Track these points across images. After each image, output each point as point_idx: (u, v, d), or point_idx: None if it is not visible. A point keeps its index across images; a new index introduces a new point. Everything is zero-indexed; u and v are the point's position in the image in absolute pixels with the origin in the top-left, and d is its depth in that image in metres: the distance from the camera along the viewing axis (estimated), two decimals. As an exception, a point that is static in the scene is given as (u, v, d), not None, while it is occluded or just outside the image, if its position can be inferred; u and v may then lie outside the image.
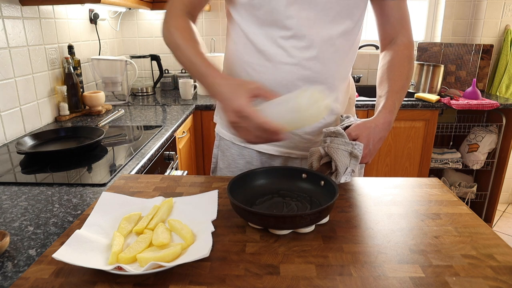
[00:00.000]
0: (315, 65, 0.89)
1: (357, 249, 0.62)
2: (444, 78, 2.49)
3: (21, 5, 1.50)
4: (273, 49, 0.88)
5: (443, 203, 0.78)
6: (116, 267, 0.54)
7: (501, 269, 0.56)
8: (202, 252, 0.55)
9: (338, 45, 0.89)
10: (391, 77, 0.91)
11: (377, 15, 0.96)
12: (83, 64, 2.02)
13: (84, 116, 1.84)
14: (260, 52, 0.90)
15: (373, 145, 0.82)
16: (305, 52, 0.87)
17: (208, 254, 0.55)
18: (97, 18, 2.14)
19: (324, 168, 0.81)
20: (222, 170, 1.07)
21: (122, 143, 1.36)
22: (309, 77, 0.90)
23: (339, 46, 0.90)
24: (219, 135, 1.08)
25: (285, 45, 0.87)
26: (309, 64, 0.88)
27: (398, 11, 0.93)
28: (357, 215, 0.73)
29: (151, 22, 2.63)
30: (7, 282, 0.59)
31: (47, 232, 0.74)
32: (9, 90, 1.44)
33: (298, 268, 0.57)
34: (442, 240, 0.64)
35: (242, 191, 0.75)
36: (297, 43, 0.87)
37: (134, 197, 0.77)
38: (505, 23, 2.51)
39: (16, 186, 0.97)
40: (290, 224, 0.65)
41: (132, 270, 0.53)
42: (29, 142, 1.28)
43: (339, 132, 0.81)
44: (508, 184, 2.84)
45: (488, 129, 2.41)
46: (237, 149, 1.03)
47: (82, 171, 1.09)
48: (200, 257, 0.54)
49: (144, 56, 2.47)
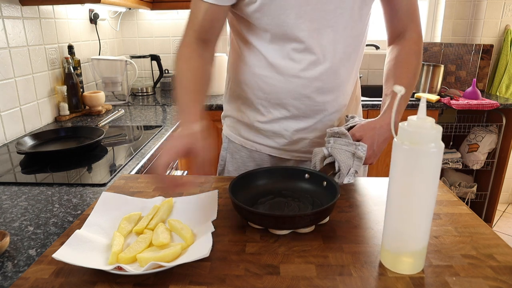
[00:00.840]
0: (328, 77, 0.88)
1: (357, 249, 0.62)
2: (444, 78, 2.49)
3: (21, 5, 1.50)
4: (285, 62, 0.87)
5: (443, 203, 0.78)
6: (116, 267, 0.54)
7: (501, 269, 0.56)
8: (202, 252, 0.55)
9: (349, 52, 0.88)
10: (398, 74, 0.89)
11: (385, 8, 0.93)
12: (83, 64, 2.02)
13: (84, 116, 1.84)
14: (271, 66, 0.88)
15: (377, 146, 0.82)
16: (318, 64, 0.86)
17: (208, 254, 0.55)
18: (97, 18, 2.14)
19: (328, 168, 0.80)
20: (231, 172, 1.06)
21: (122, 143, 1.36)
22: (321, 88, 0.89)
23: (351, 53, 0.89)
24: (227, 138, 1.07)
25: (297, 58, 0.86)
26: (322, 77, 0.87)
27: (406, 4, 0.90)
28: (357, 215, 0.73)
29: (151, 22, 2.62)
30: (7, 282, 0.59)
31: (47, 232, 0.74)
32: (9, 90, 1.44)
33: (298, 268, 0.57)
34: (442, 240, 0.64)
35: (244, 191, 0.75)
36: (309, 56, 0.85)
37: (134, 197, 0.77)
38: (505, 23, 2.51)
39: (16, 186, 0.97)
40: (289, 224, 0.65)
41: (132, 270, 0.53)
42: (29, 142, 1.28)
43: (342, 133, 0.81)
44: (508, 184, 2.84)
45: (488, 129, 2.41)
46: (247, 152, 1.03)
47: (82, 171, 1.09)
48: (200, 257, 0.54)
49: (144, 56, 2.47)
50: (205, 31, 0.85)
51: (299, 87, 0.88)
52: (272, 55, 0.87)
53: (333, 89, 0.90)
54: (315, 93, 0.89)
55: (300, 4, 0.81)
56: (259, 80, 0.91)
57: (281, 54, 0.86)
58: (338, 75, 0.89)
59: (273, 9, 0.81)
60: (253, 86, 0.93)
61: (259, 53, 0.89)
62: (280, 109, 0.93)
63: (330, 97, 0.91)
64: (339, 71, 0.88)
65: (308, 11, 0.82)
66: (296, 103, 0.91)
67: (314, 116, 0.93)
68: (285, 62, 0.87)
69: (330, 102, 0.91)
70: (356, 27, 0.87)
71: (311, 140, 0.96)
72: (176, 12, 2.56)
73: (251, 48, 0.90)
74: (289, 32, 0.83)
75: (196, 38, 0.85)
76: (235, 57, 0.97)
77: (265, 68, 0.89)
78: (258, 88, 0.93)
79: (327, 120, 0.94)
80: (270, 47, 0.87)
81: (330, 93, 0.90)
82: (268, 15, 0.82)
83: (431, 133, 0.50)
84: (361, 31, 0.89)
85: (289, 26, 0.83)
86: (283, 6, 0.81)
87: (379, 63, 2.70)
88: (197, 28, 0.85)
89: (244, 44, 0.92)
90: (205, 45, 0.87)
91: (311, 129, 0.94)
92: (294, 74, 0.87)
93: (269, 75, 0.89)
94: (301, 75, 0.87)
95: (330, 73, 0.87)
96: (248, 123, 0.99)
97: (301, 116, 0.93)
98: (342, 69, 0.89)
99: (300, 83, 0.88)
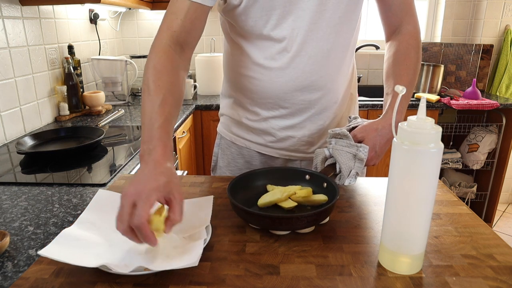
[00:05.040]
0: (311, 76, 0.87)
1: (357, 249, 0.62)
2: (444, 78, 2.49)
3: (21, 5, 1.50)
4: (267, 62, 0.87)
5: (443, 203, 0.78)
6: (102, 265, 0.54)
7: (501, 269, 0.56)
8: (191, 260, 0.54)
9: (334, 51, 0.87)
10: (397, 71, 0.87)
11: (379, 3, 0.92)
12: (83, 64, 2.02)
13: (84, 116, 1.84)
14: (256, 66, 0.89)
15: (379, 148, 0.81)
16: (300, 63, 0.86)
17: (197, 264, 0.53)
18: (97, 18, 2.14)
19: (329, 169, 0.80)
20: (222, 168, 1.07)
21: (122, 143, 1.36)
22: (307, 86, 0.89)
23: (336, 52, 0.88)
24: (220, 134, 1.09)
25: (278, 57, 0.86)
26: (306, 75, 0.87)
27: None
28: (357, 215, 0.73)
29: (151, 22, 2.62)
30: (7, 282, 0.59)
31: (47, 232, 0.74)
32: (9, 90, 1.44)
33: (298, 268, 0.57)
34: (442, 240, 0.64)
35: (244, 191, 0.75)
36: (291, 55, 0.85)
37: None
38: (505, 23, 2.51)
39: (16, 186, 0.97)
40: (286, 225, 0.64)
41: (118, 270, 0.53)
42: (29, 142, 1.28)
43: (344, 134, 0.81)
44: (508, 184, 2.84)
45: (488, 129, 2.41)
46: (237, 149, 1.03)
47: (82, 171, 1.09)
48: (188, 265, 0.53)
49: (144, 56, 2.46)
50: (185, 32, 0.79)
51: (282, 86, 0.89)
52: (256, 55, 0.88)
53: (318, 87, 0.89)
54: (298, 92, 0.89)
55: (283, 5, 0.81)
56: (245, 80, 0.93)
57: (264, 54, 0.87)
58: (322, 73, 0.88)
59: (256, 10, 0.82)
60: (241, 86, 0.95)
61: (245, 53, 0.90)
62: (267, 108, 0.94)
63: (315, 95, 0.90)
64: (323, 69, 0.88)
65: (292, 11, 0.82)
66: (281, 102, 0.91)
67: (300, 114, 0.93)
68: (268, 62, 0.88)
69: (316, 100, 0.91)
70: (342, 26, 0.85)
71: (299, 138, 0.96)
72: (176, 12, 2.56)
73: (238, 49, 0.91)
74: (271, 33, 0.84)
75: (174, 41, 0.77)
76: (226, 57, 0.99)
77: (250, 69, 0.90)
78: (245, 88, 0.94)
79: (317, 119, 0.94)
80: (254, 47, 0.88)
81: (315, 92, 0.90)
82: (252, 17, 0.83)
83: (431, 133, 0.50)
84: (348, 30, 0.88)
85: (271, 27, 0.83)
86: (265, 8, 0.81)
87: (379, 63, 2.70)
88: (177, 29, 0.77)
89: (233, 45, 0.93)
90: (181, 50, 0.79)
91: (298, 127, 0.95)
92: (276, 73, 0.88)
93: (254, 76, 0.90)
94: (282, 75, 0.88)
95: (312, 72, 0.87)
96: (238, 120, 1.01)
97: (287, 115, 0.93)
98: (327, 67, 0.88)
99: (282, 82, 0.88)
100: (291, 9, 0.82)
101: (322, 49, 0.86)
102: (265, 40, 0.86)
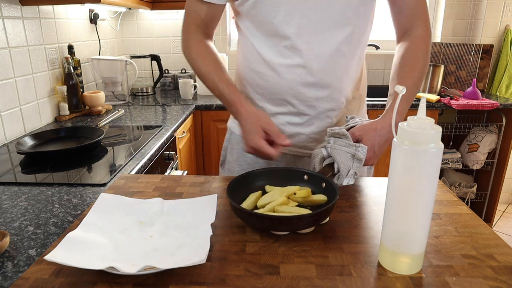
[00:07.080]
0: (319, 73, 0.89)
1: (357, 249, 0.62)
2: (444, 78, 2.49)
3: (21, 5, 1.50)
4: (277, 58, 0.90)
5: (443, 203, 0.78)
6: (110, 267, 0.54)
7: (501, 269, 0.56)
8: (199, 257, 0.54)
9: (343, 50, 0.88)
10: (402, 74, 0.88)
11: (390, 5, 0.92)
12: (83, 64, 2.02)
13: (84, 116, 1.84)
14: (265, 61, 0.92)
15: (378, 148, 0.81)
16: (308, 60, 0.88)
17: (205, 261, 0.54)
18: (97, 18, 2.14)
19: (327, 169, 0.80)
20: (231, 163, 1.09)
21: (122, 143, 1.36)
22: (315, 84, 0.90)
23: (345, 51, 0.89)
24: (230, 129, 1.10)
25: (287, 54, 0.88)
26: (313, 72, 0.89)
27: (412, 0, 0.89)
28: (357, 215, 0.73)
29: (151, 22, 2.62)
30: (7, 282, 0.59)
31: (47, 232, 0.74)
32: (9, 90, 1.44)
33: (298, 268, 0.57)
34: (442, 240, 0.64)
35: (243, 191, 0.75)
36: (298, 52, 0.87)
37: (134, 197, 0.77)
38: (505, 23, 2.51)
39: (16, 186, 0.97)
40: (286, 226, 0.64)
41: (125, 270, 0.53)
42: (29, 142, 1.28)
43: (343, 133, 0.80)
44: (508, 184, 2.84)
45: (488, 129, 2.41)
46: None
47: (82, 171, 1.09)
48: (196, 262, 0.53)
49: (144, 56, 2.47)
50: (206, 26, 0.98)
51: (291, 83, 0.91)
52: (265, 51, 0.91)
53: (325, 85, 0.91)
54: (305, 89, 0.91)
55: (291, 1, 0.84)
56: (255, 76, 0.95)
57: (273, 50, 0.90)
58: (330, 71, 0.89)
59: (265, 5, 0.85)
60: (251, 81, 0.97)
61: (255, 49, 0.92)
62: (276, 103, 0.96)
63: (322, 93, 0.92)
64: (330, 67, 0.89)
65: (299, 8, 0.84)
66: (290, 98, 0.93)
67: (308, 111, 0.94)
68: (277, 59, 0.90)
69: (324, 98, 0.92)
70: (352, 24, 0.87)
71: (307, 135, 0.97)
72: (176, 12, 2.56)
73: (249, 45, 0.94)
74: (279, 29, 0.87)
75: (201, 33, 0.97)
76: (239, 53, 1.02)
77: (260, 65, 0.93)
78: (255, 84, 0.96)
79: (324, 116, 0.95)
80: (263, 44, 0.91)
81: (322, 90, 0.91)
82: (261, 12, 0.86)
83: (431, 133, 0.50)
84: (359, 28, 0.89)
85: (279, 23, 0.86)
86: (274, 3, 0.85)
87: (379, 63, 2.70)
88: (200, 24, 0.97)
89: (244, 41, 0.96)
90: (208, 36, 1.00)
91: (307, 124, 0.96)
92: (285, 70, 0.90)
93: (264, 72, 0.92)
94: (291, 71, 0.89)
95: (320, 70, 0.88)
96: None
97: (296, 111, 0.95)
98: (335, 66, 0.89)
99: (291, 79, 0.90)
100: (297, 6, 0.84)
101: (329, 48, 0.87)
102: (274, 37, 0.88)
